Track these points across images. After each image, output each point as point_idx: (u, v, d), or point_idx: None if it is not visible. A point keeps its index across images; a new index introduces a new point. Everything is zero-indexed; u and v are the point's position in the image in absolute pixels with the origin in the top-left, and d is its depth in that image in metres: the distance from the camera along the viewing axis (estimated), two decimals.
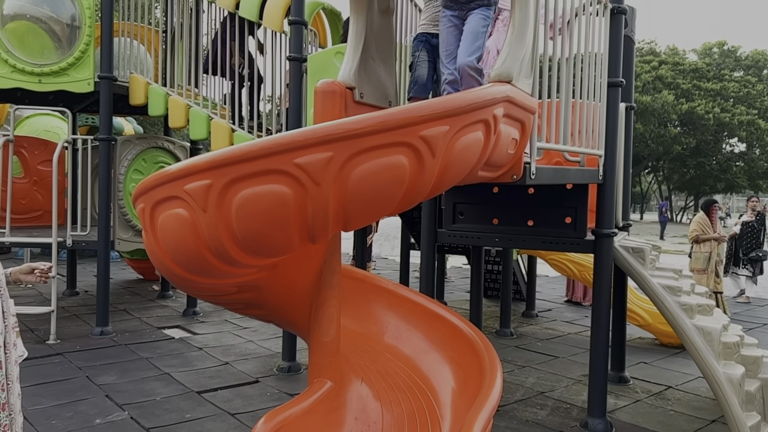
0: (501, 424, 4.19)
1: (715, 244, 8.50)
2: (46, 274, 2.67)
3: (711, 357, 3.76)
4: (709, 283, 8.32)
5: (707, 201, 9.13)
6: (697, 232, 8.56)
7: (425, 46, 3.61)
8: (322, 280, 2.97)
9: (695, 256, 8.58)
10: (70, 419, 4.06)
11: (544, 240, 4.40)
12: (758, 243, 9.52)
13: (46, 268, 2.67)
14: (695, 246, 8.59)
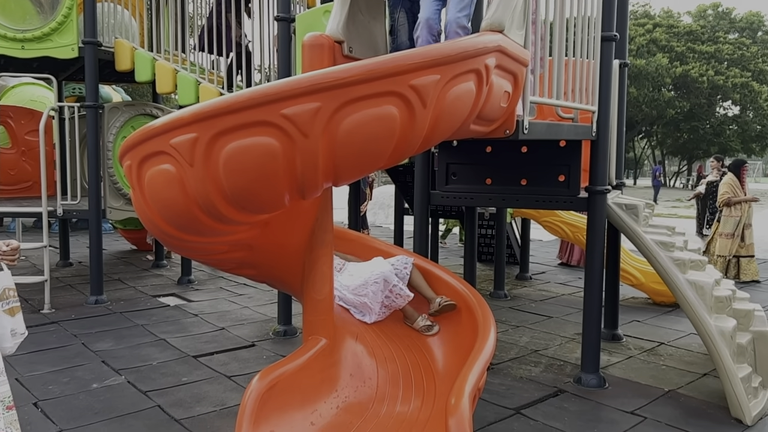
0: (495, 381, 4.23)
1: (747, 206, 8.19)
2: (9, 257, 2.27)
3: (703, 311, 3.78)
4: (733, 248, 8.10)
5: (737, 161, 8.74)
6: (728, 194, 8.17)
7: (403, 5, 3.42)
8: (314, 238, 2.95)
9: (725, 220, 8.20)
10: (66, 384, 4.07)
11: (537, 199, 4.38)
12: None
13: (9, 249, 2.26)
14: (725, 210, 8.20)
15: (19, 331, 2.27)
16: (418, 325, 3.30)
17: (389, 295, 3.28)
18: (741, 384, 3.59)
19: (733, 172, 8.43)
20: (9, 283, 2.26)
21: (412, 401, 2.97)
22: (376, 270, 3.31)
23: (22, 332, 2.28)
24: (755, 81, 35.61)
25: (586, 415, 3.71)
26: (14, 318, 2.25)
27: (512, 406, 3.81)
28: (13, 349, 2.27)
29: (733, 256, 8.16)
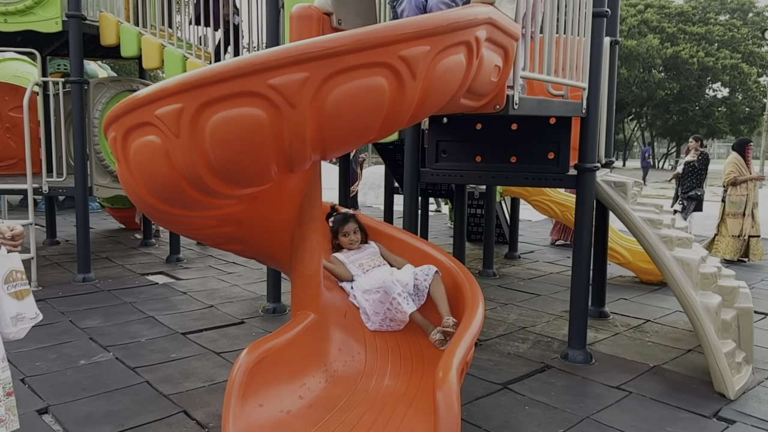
0: (483, 357, 4.27)
1: (752, 185, 8.10)
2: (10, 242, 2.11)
3: (689, 287, 3.82)
4: (746, 228, 7.98)
5: (741, 140, 8.61)
6: (734, 173, 8.06)
7: None
8: (302, 213, 2.94)
9: (731, 200, 8.11)
10: (54, 361, 4.06)
11: (527, 176, 4.38)
12: (699, 182, 9.18)
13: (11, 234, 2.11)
14: (731, 189, 8.10)
15: (28, 315, 2.15)
16: (432, 338, 3.10)
17: (390, 308, 3.18)
18: (725, 359, 3.64)
19: (737, 152, 8.30)
20: (16, 265, 2.12)
21: (400, 376, 2.99)
22: (383, 278, 3.22)
23: (32, 316, 2.16)
24: (745, 63, 35.69)
25: (573, 390, 3.75)
26: (22, 302, 2.12)
27: (500, 382, 3.85)
28: (20, 334, 2.13)
29: (749, 236, 8.01)
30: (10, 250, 2.10)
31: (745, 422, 3.33)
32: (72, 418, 3.23)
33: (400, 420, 2.65)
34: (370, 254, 3.52)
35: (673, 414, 3.42)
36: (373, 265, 3.43)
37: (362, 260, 3.46)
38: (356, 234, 3.53)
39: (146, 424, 3.18)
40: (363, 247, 3.56)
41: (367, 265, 3.43)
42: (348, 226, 3.53)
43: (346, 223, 3.54)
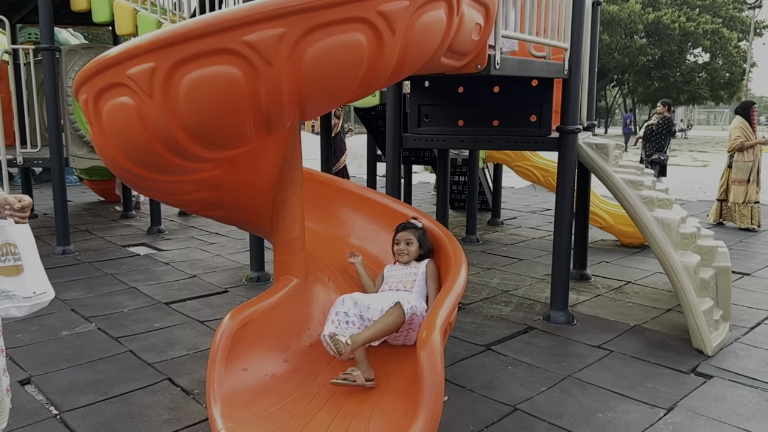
0: (467, 320, 4.30)
1: (759, 150, 7.83)
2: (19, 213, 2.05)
3: (669, 247, 3.86)
4: (751, 195, 7.80)
5: (745, 103, 8.20)
6: (741, 138, 7.76)
7: None
8: (283, 178, 2.90)
9: (737, 165, 7.84)
10: (35, 333, 4.02)
11: (509, 139, 4.37)
12: (659, 146, 9.09)
13: (20, 206, 2.04)
14: (737, 155, 7.83)
15: (19, 294, 2.00)
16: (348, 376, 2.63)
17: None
18: (703, 316, 3.71)
19: (741, 115, 7.97)
20: (11, 237, 1.99)
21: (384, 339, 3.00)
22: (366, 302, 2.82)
23: (25, 296, 2.01)
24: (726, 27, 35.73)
25: (555, 350, 3.80)
26: (11, 278, 1.99)
27: (483, 343, 3.89)
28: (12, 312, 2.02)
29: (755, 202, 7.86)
30: (17, 221, 2.02)
31: (722, 377, 3.41)
32: (55, 387, 3.21)
33: (386, 381, 2.67)
34: (407, 274, 3.12)
35: (652, 370, 3.49)
36: (398, 287, 3.05)
37: (396, 277, 3.13)
38: (408, 246, 3.17)
39: (131, 392, 3.17)
40: (412, 264, 3.17)
41: (394, 284, 3.10)
42: (401, 235, 3.22)
43: (402, 231, 3.24)
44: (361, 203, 3.71)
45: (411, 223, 3.29)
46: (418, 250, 3.20)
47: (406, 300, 2.77)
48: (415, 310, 2.79)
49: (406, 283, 3.07)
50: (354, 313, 2.77)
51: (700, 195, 11.01)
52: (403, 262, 3.19)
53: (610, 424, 2.87)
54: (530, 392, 3.20)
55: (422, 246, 3.21)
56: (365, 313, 2.77)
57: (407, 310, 2.73)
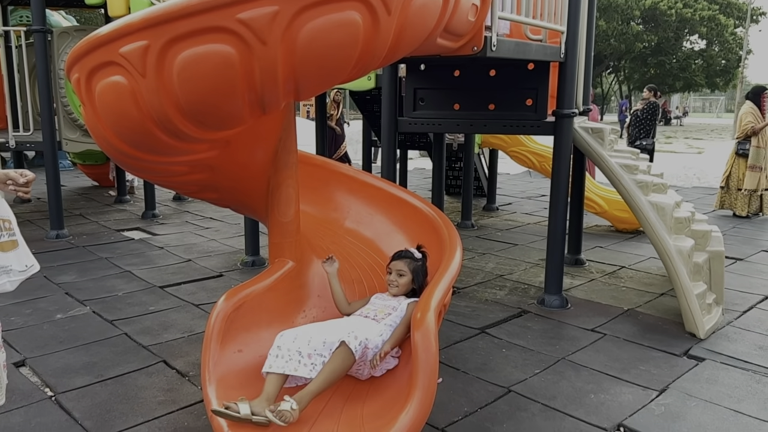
0: (461, 304, 4.32)
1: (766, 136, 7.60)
2: (23, 188, 2.07)
3: (663, 231, 3.87)
4: (762, 182, 7.62)
5: (756, 88, 8.00)
6: (752, 123, 7.57)
7: None
8: (278, 160, 2.88)
9: (755, 151, 7.61)
10: (30, 315, 4.01)
11: (504, 124, 4.35)
12: (644, 132, 8.99)
13: (24, 180, 2.04)
14: (753, 140, 7.61)
15: (15, 268, 2.04)
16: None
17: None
18: (696, 300, 3.73)
19: (752, 100, 7.80)
20: (4, 214, 2.00)
21: None
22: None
23: (20, 269, 2.04)
24: (722, 14, 35.63)
25: (549, 333, 3.82)
26: (7, 254, 2.02)
27: (477, 326, 3.90)
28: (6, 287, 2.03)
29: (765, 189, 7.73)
30: (22, 197, 2.03)
31: (714, 359, 3.44)
32: (50, 369, 3.21)
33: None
34: (386, 306, 2.79)
35: (645, 353, 3.52)
36: (368, 315, 2.75)
37: (375, 306, 2.82)
38: (400, 277, 2.82)
39: (126, 374, 3.17)
40: (398, 298, 2.83)
41: (369, 310, 2.79)
42: (394, 264, 2.88)
43: (397, 259, 2.90)
44: (356, 187, 3.69)
45: (409, 253, 2.91)
46: (410, 284, 2.83)
47: (353, 336, 2.38)
48: (367, 343, 2.44)
49: (379, 313, 2.74)
50: (292, 348, 2.38)
51: (695, 182, 11.05)
52: (392, 294, 2.85)
53: (603, 406, 2.90)
54: (524, 374, 3.23)
55: (415, 280, 2.84)
56: (304, 349, 2.38)
57: (355, 348, 2.36)
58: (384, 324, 2.65)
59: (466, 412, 2.81)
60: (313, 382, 2.29)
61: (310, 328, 2.55)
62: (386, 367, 2.58)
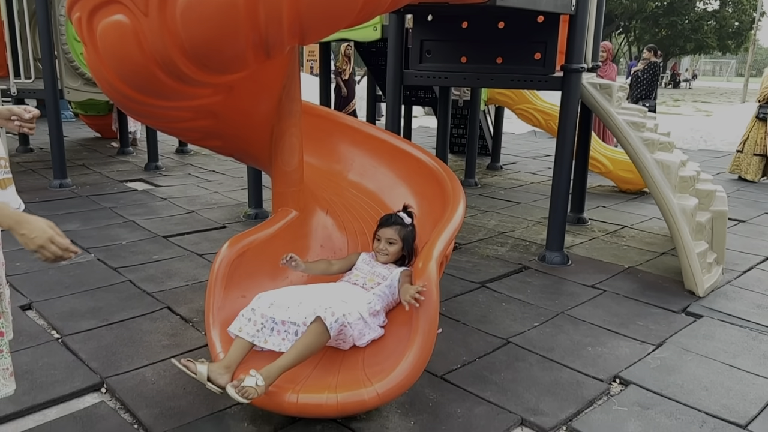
0: (462, 259, 4.34)
1: None
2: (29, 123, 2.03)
3: (667, 189, 3.86)
4: None
5: None
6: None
7: None
8: (281, 108, 2.86)
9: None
10: (35, 261, 4.03)
11: (512, 78, 4.29)
12: (645, 93, 8.82)
13: (29, 116, 2.02)
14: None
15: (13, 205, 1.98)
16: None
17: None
18: (696, 259, 3.74)
19: None
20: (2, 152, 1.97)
21: None
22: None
23: (15, 206, 2.00)
24: None
25: (549, 288, 3.85)
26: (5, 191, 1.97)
27: (478, 281, 3.93)
28: None
29: None
30: (27, 133, 2.03)
31: (711, 317, 3.47)
32: (56, 313, 3.26)
33: None
34: (376, 274, 2.70)
35: (644, 309, 3.55)
36: (356, 282, 2.66)
37: (364, 272, 2.73)
38: (390, 245, 2.73)
39: (131, 319, 3.22)
40: (388, 266, 2.74)
41: (357, 277, 2.70)
42: (383, 232, 2.75)
43: (386, 226, 2.76)
44: (360, 138, 3.68)
45: (399, 219, 2.78)
46: (400, 252, 2.76)
47: (330, 312, 2.24)
48: (345, 320, 2.31)
49: (369, 281, 2.66)
50: (267, 314, 2.33)
51: (701, 144, 10.96)
52: (380, 261, 2.76)
53: (600, 358, 2.94)
54: (523, 327, 3.27)
55: (405, 247, 2.76)
56: (279, 316, 2.33)
57: (330, 325, 2.21)
58: (373, 293, 2.58)
59: (465, 361, 2.86)
60: (284, 357, 2.18)
61: (290, 293, 2.44)
62: (371, 336, 2.49)
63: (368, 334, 2.47)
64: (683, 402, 2.56)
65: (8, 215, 1.62)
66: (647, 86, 8.77)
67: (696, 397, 2.61)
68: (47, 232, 1.65)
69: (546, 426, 2.36)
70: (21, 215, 1.64)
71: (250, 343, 2.31)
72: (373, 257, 2.80)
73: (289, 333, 2.33)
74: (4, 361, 1.88)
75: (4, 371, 1.88)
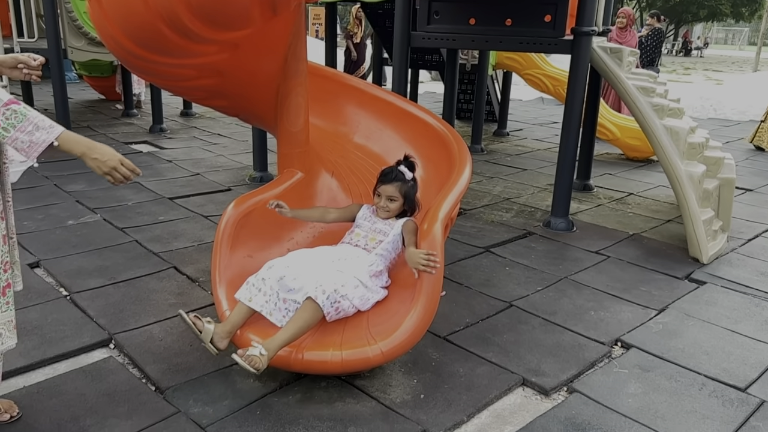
0: (467, 224, 4.35)
1: None
2: (36, 71, 2.00)
3: (675, 155, 3.83)
4: None
5: None
6: None
7: None
8: (287, 67, 2.82)
9: None
10: (42, 221, 4.07)
11: (521, 40, 4.22)
12: (648, 60, 8.69)
13: (36, 63, 1.99)
14: None
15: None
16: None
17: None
18: (702, 226, 3.74)
19: None
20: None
21: None
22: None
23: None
24: None
25: (552, 254, 3.86)
26: None
27: (482, 245, 3.95)
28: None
29: None
30: (35, 81, 2.04)
31: (715, 283, 3.48)
32: (64, 271, 3.29)
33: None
34: (376, 230, 2.66)
35: (647, 275, 3.56)
36: (358, 243, 2.63)
37: (364, 230, 2.69)
38: (391, 203, 2.65)
39: (138, 278, 3.25)
40: (388, 222, 2.68)
41: (358, 237, 2.67)
42: (384, 189, 2.66)
43: (386, 183, 2.66)
44: (366, 100, 3.64)
45: (400, 174, 2.67)
46: (401, 207, 2.69)
47: (321, 290, 2.23)
48: (338, 296, 2.28)
49: (370, 241, 2.63)
50: (275, 287, 2.35)
51: (711, 113, 10.83)
52: (381, 217, 2.71)
53: (602, 322, 2.96)
54: (526, 291, 3.29)
55: (407, 203, 2.68)
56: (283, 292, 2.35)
57: (323, 302, 2.22)
58: (375, 254, 2.56)
59: (468, 323, 2.89)
60: (282, 332, 2.19)
61: (297, 265, 2.39)
62: (375, 299, 2.48)
63: (372, 297, 2.47)
64: (684, 365, 2.59)
65: (80, 142, 1.74)
66: (650, 53, 8.65)
67: (696, 360, 2.64)
68: (117, 155, 1.79)
69: (547, 386, 2.40)
70: (91, 142, 1.77)
71: (253, 311, 2.34)
72: (373, 212, 2.75)
73: (290, 311, 2.35)
74: (9, 313, 1.91)
75: (8, 323, 1.91)
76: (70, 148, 1.72)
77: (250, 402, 2.22)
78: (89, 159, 1.74)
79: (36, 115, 1.69)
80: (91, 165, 1.75)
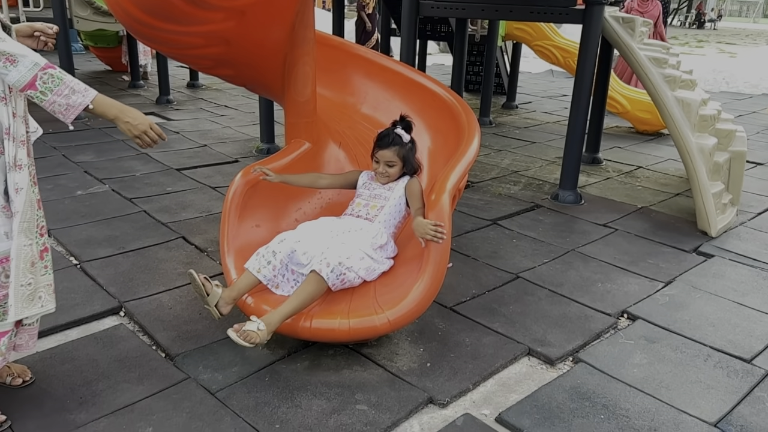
0: (475, 197, 4.34)
1: None
2: (52, 38, 1.98)
3: (686, 128, 3.78)
4: None
5: None
6: None
7: None
8: (295, 35, 2.79)
9: None
10: (51, 191, 4.09)
11: (531, 10, 4.15)
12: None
13: (52, 31, 1.96)
14: None
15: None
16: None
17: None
18: (711, 199, 3.71)
19: None
20: None
21: None
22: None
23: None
24: None
25: (560, 226, 3.86)
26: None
27: (489, 218, 3.94)
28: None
29: None
30: (51, 49, 2.03)
31: (723, 257, 3.47)
32: (73, 240, 3.32)
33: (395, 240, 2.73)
34: (376, 196, 2.61)
35: (655, 248, 3.56)
36: (359, 214, 2.59)
37: (365, 198, 2.64)
38: (390, 168, 2.58)
39: (147, 247, 3.28)
40: (389, 186, 2.63)
41: (359, 207, 2.62)
42: (381, 154, 2.58)
43: (384, 148, 2.58)
44: (374, 70, 3.60)
45: (397, 138, 2.58)
46: (401, 171, 2.62)
47: (326, 263, 2.22)
48: (343, 269, 2.25)
49: (372, 209, 2.57)
50: (283, 261, 2.34)
51: (723, 86, 10.67)
52: (381, 182, 2.65)
53: (609, 294, 2.97)
54: (533, 263, 3.29)
55: (406, 166, 2.61)
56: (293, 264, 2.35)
57: (327, 275, 2.20)
58: (378, 222, 2.53)
59: (474, 294, 2.90)
60: (285, 304, 2.18)
61: (309, 238, 2.37)
62: (381, 269, 2.47)
63: (378, 268, 2.47)
64: (689, 337, 2.60)
65: (114, 105, 1.81)
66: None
67: (702, 332, 2.64)
68: (147, 119, 1.87)
69: (552, 356, 2.41)
70: (123, 105, 1.84)
71: (260, 282, 2.34)
72: (372, 178, 2.70)
73: (298, 282, 2.35)
74: (48, 276, 1.93)
75: (48, 287, 1.93)
76: (104, 110, 1.79)
77: (259, 369, 2.25)
78: (121, 122, 1.82)
79: (71, 78, 1.75)
80: (123, 128, 1.83)
